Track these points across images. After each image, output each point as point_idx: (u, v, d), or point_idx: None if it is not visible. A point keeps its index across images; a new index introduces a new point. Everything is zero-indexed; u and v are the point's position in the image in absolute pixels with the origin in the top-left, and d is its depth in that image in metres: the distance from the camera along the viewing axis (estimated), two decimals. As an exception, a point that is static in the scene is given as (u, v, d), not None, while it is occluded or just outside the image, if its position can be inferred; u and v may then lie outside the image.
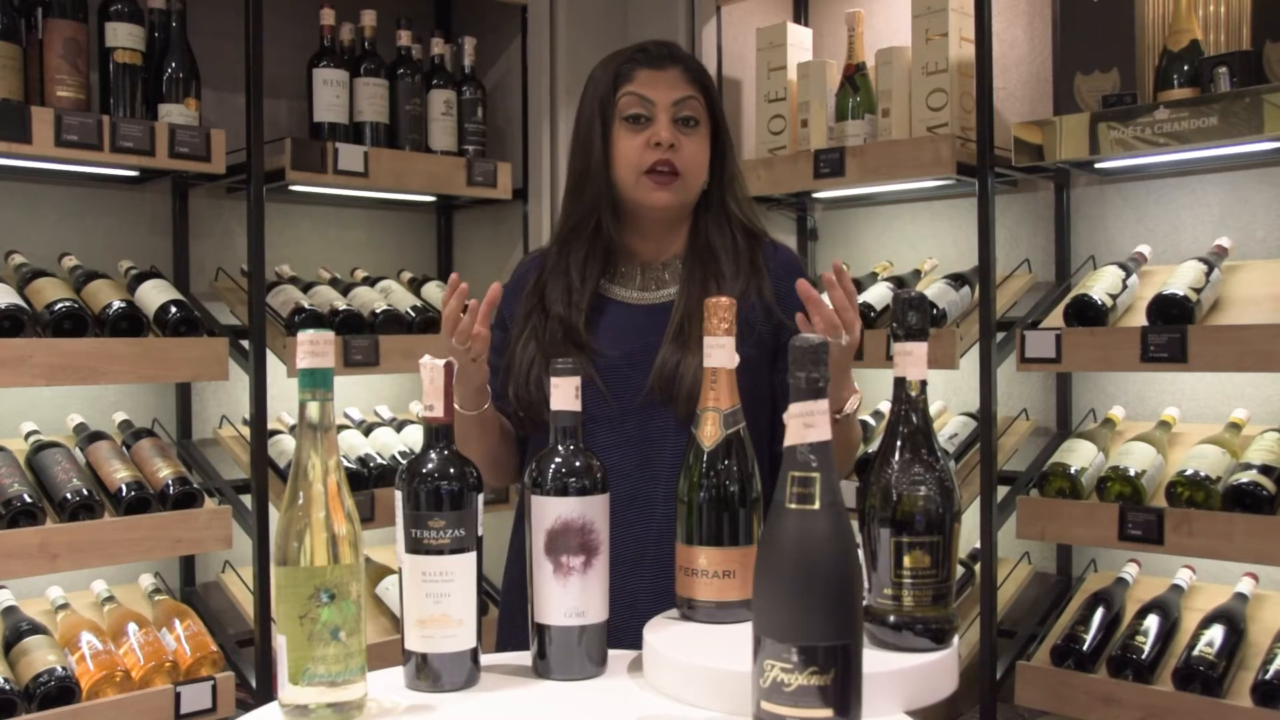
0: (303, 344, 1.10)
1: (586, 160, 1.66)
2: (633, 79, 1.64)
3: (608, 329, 1.65)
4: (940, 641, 1.15)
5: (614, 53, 1.70)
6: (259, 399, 2.32)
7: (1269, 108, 1.92)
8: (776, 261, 1.70)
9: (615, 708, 1.14)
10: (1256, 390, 2.30)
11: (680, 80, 1.65)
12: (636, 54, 1.67)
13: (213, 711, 2.17)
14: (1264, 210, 2.31)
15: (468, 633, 1.19)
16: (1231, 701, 1.95)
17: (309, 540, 1.09)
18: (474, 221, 3.06)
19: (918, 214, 2.83)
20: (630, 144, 1.63)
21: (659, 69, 1.65)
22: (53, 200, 2.47)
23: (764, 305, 1.64)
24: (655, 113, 1.62)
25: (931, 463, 1.16)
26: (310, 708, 1.09)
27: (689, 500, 1.27)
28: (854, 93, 2.58)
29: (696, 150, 1.65)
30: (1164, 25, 2.24)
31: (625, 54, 1.68)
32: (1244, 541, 1.96)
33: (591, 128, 1.66)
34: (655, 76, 1.64)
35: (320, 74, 2.57)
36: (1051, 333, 2.18)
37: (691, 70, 1.67)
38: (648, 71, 1.64)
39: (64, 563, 2.06)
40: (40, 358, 2.06)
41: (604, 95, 1.66)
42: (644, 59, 1.66)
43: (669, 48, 1.68)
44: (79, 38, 2.18)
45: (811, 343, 0.95)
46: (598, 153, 1.65)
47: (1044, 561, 2.58)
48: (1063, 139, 2.18)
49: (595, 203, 1.65)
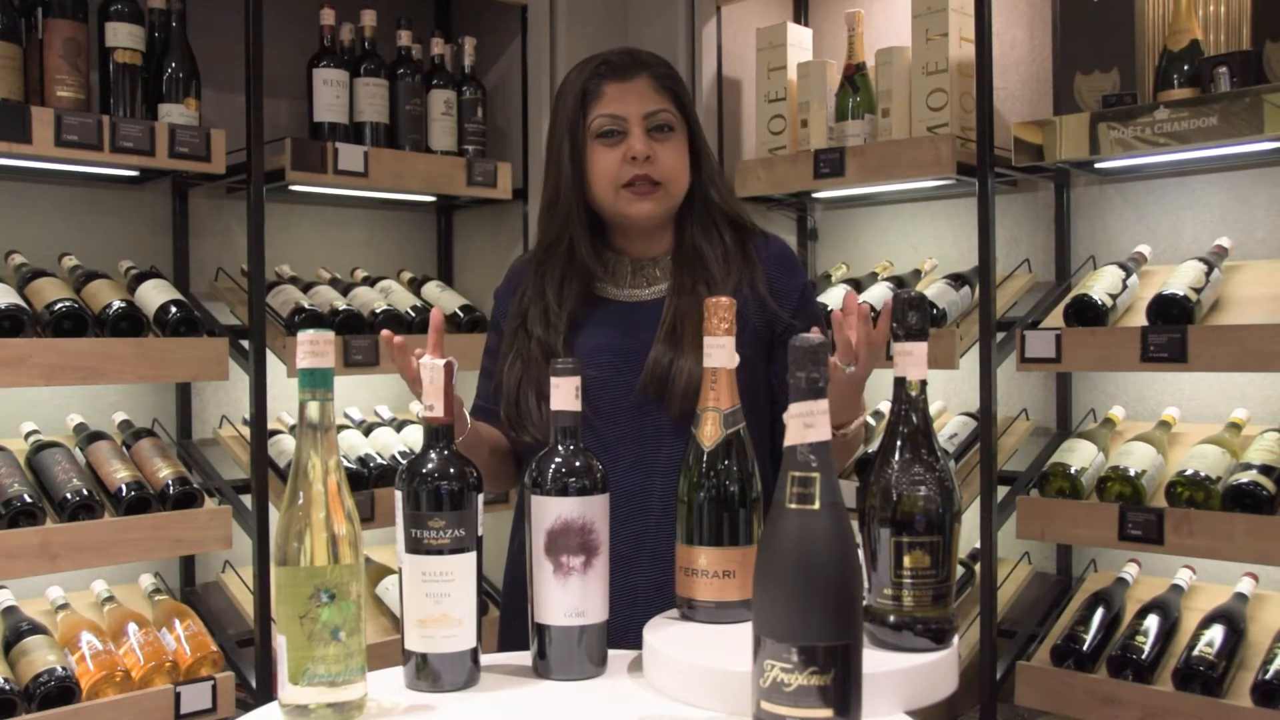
0: (303, 344, 1.10)
1: (557, 180, 1.65)
2: (601, 95, 1.62)
3: (599, 327, 1.65)
4: (940, 641, 1.15)
5: (579, 64, 1.67)
6: (259, 399, 2.32)
7: (1269, 108, 1.92)
8: (769, 254, 1.69)
9: (615, 708, 1.14)
10: (1256, 390, 2.30)
11: (649, 89, 1.63)
12: (600, 67, 1.64)
13: (213, 711, 2.17)
14: (1264, 210, 2.31)
15: (468, 633, 1.19)
16: (1231, 701, 1.95)
17: (309, 540, 1.09)
18: (474, 221, 3.06)
19: (918, 214, 2.83)
20: (606, 160, 1.62)
21: (626, 80, 1.63)
22: (53, 200, 2.47)
23: (757, 298, 1.64)
24: (628, 126, 1.61)
25: (931, 463, 1.16)
26: (310, 708, 1.09)
27: (689, 500, 1.27)
28: (854, 93, 2.58)
29: (674, 157, 1.63)
30: (1164, 25, 2.24)
31: (589, 68, 1.65)
32: (1244, 541, 1.96)
33: (561, 148, 1.64)
34: (623, 90, 1.62)
35: (320, 74, 2.57)
36: (1051, 333, 2.18)
37: (659, 76, 1.65)
38: (616, 84, 1.62)
39: (64, 563, 2.06)
40: (40, 358, 2.06)
41: (572, 115, 1.63)
42: (608, 71, 1.63)
43: (631, 55, 1.66)
44: (79, 38, 2.18)
45: (811, 343, 0.95)
46: (567, 173, 1.63)
47: (1044, 561, 2.58)
48: (1063, 139, 2.18)
49: (567, 221, 1.64)
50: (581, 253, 1.65)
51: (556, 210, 1.66)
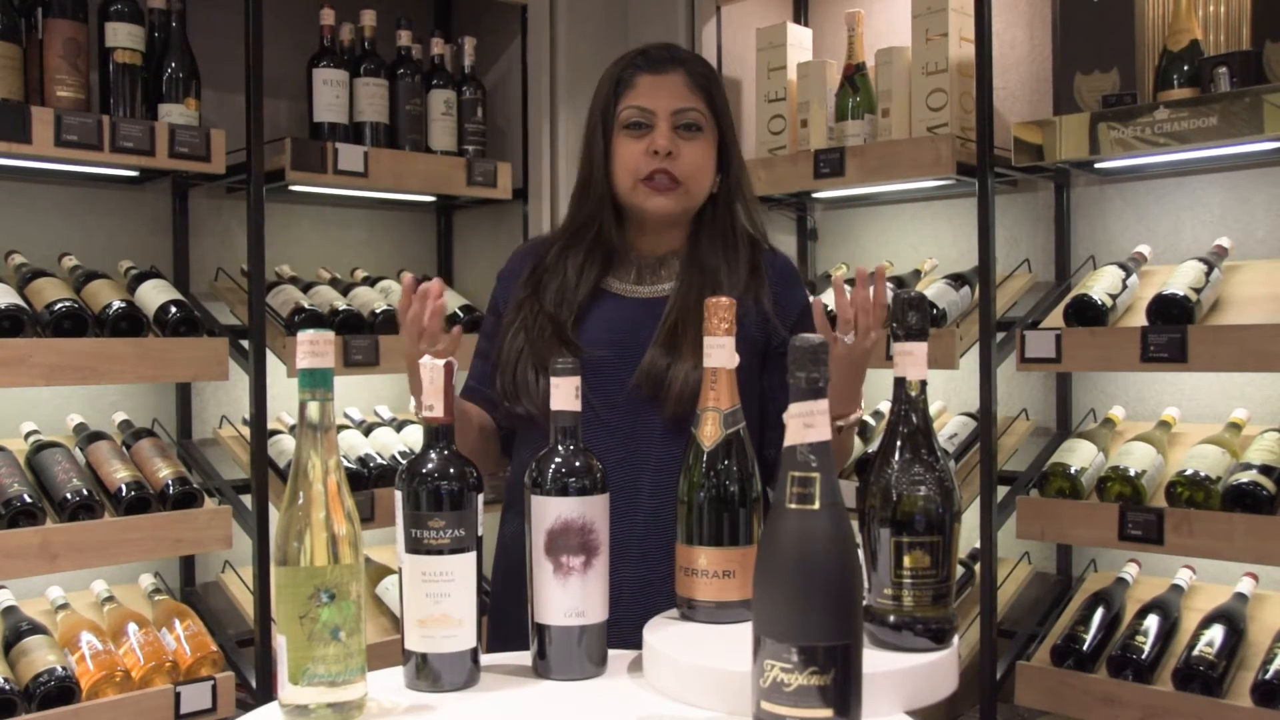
0: (303, 344, 1.10)
1: (589, 166, 1.68)
2: (634, 86, 1.64)
3: (600, 320, 1.65)
4: (940, 641, 1.15)
5: (620, 56, 1.69)
6: (259, 399, 2.32)
7: (1269, 108, 1.92)
8: (775, 269, 1.70)
9: (615, 708, 1.14)
10: (1256, 390, 2.30)
11: (681, 86, 1.64)
12: (637, 58, 1.66)
13: (213, 711, 2.17)
14: (1264, 210, 2.31)
15: (468, 633, 1.19)
16: (1231, 701, 1.95)
17: (309, 540, 1.09)
18: (474, 221, 3.06)
19: (918, 214, 2.83)
20: (630, 151, 1.63)
21: (660, 73, 1.64)
22: (53, 200, 2.47)
23: (760, 313, 1.64)
24: (655, 120, 1.62)
25: (931, 463, 1.16)
26: (310, 708, 1.09)
27: (689, 500, 1.27)
28: (854, 93, 2.58)
29: (698, 156, 1.64)
30: (1164, 25, 2.24)
31: (627, 58, 1.67)
32: (1244, 541, 1.96)
33: (595, 134, 1.66)
34: (656, 82, 1.63)
35: (320, 74, 2.57)
36: (1051, 333, 2.18)
37: (694, 74, 1.66)
38: (649, 77, 1.64)
39: (64, 563, 2.06)
40: (40, 358, 2.06)
41: (605, 102, 1.66)
42: (644, 63, 1.65)
43: (671, 50, 1.68)
44: (79, 38, 2.18)
45: (811, 343, 0.95)
46: (599, 160, 1.65)
47: (1044, 561, 2.58)
48: (1063, 139, 2.18)
49: (598, 208, 1.66)
50: (610, 238, 1.66)
51: (588, 195, 1.68)
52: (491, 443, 1.73)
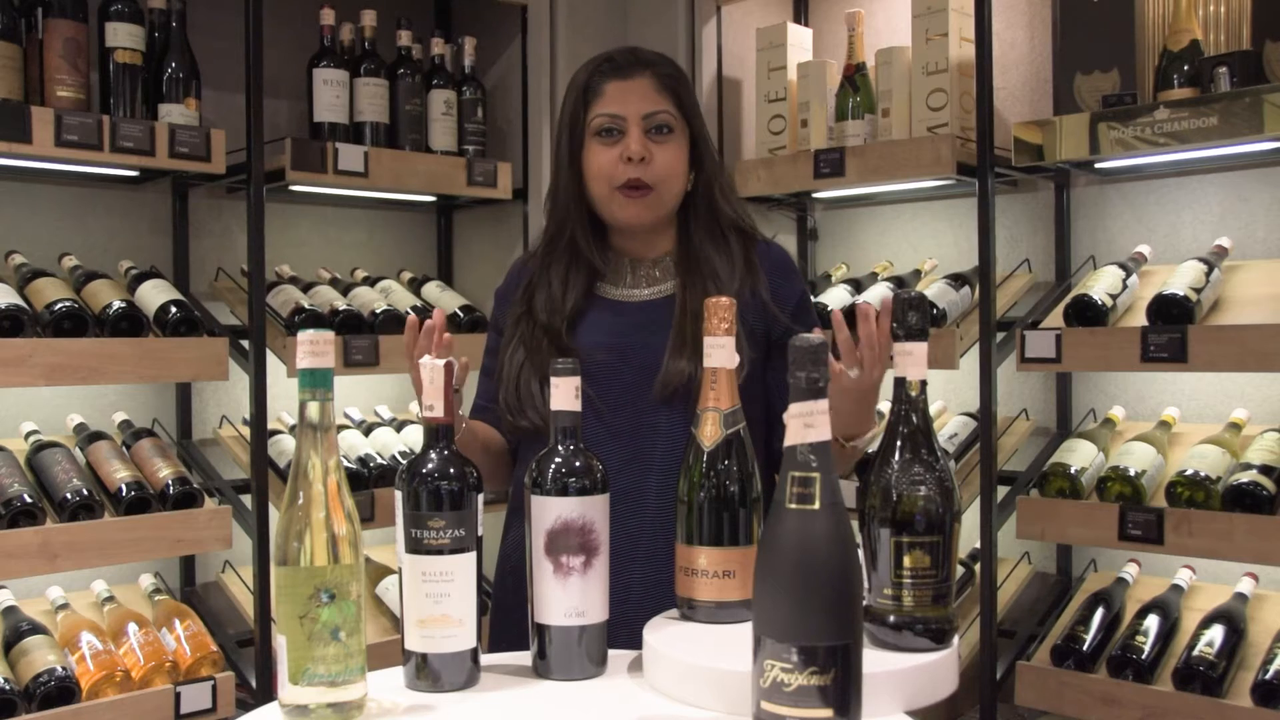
0: (303, 344, 1.10)
1: (557, 175, 1.68)
2: (602, 93, 1.63)
3: (599, 325, 1.66)
4: (940, 641, 1.15)
5: (585, 63, 1.69)
6: (259, 399, 2.32)
7: (1269, 108, 1.92)
8: (770, 260, 1.70)
9: (615, 708, 1.14)
10: (1256, 390, 2.30)
11: (650, 89, 1.63)
12: (604, 64, 1.65)
13: (213, 711, 2.17)
14: (1264, 210, 2.31)
15: (468, 633, 1.19)
16: (1231, 701, 1.95)
17: (309, 540, 1.09)
18: (474, 221, 3.06)
19: (918, 214, 2.83)
20: (603, 159, 1.62)
21: (627, 78, 1.63)
22: (53, 200, 2.47)
23: (759, 304, 1.64)
24: (626, 125, 1.62)
25: (931, 463, 1.16)
26: (310, 708, 1.09)
27: (689, 500, 1.27)
28: (854, 93, 2.58)
29: (670, 159, 1.63)
30: (1164, 25, 2.24)
31: (593, 64, 1.66)
32: (1244, 541, 1.96)
33: (561, 143, 1.66)
34: (625, 88, 1.63)
35: (320, 74, 2.57)
36: (1051, 333, 2.18)
37: (661, 76, 1.65)
38: (617, 83, 1.63)
39: (64, 563, 2.06)
40: (40, 358, 2.06)
41: (574, 111, 1.65)
42: (611, 69, 1.64)
43: (636, 54, 1.66)
44: (79, 38, 2.18)
45: (811, 342, 0.95)
46: (566, 169, 1.65)
47: (1044, 561, 2.58)
48: (1063, 139, 2.18)
49: (566, 216, 1.66)
50: (584, 248, 1.66)
51: (557, 205, 1.68)
52: (503, 460, 1.73)
